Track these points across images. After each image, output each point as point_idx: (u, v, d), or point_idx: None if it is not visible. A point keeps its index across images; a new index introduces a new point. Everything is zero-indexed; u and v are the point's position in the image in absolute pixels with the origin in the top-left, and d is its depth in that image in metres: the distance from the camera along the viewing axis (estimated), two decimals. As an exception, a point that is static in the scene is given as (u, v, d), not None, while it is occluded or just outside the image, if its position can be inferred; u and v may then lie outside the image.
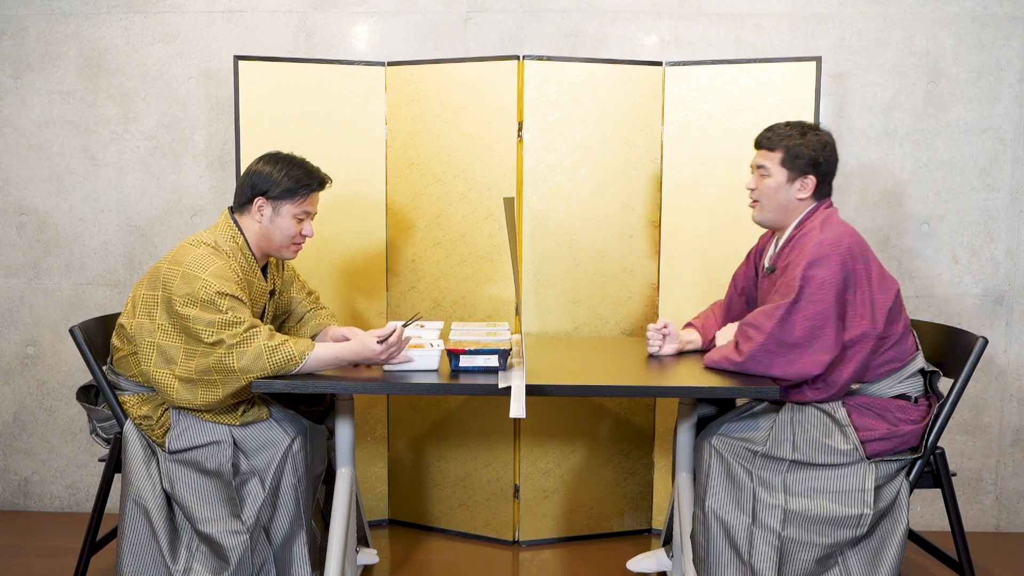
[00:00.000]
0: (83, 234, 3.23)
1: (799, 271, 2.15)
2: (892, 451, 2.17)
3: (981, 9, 3.08)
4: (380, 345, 2.15)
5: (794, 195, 2.30)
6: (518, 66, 2.84)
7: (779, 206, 2.32)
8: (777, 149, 2.30)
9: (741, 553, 2.12)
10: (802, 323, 2.12)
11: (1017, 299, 3.15)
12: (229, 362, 2.11)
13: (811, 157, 2.28)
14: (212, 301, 2.13)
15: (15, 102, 3.19)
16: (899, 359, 2.24)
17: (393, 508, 3.19)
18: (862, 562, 2.14)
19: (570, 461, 3.04)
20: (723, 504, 2.14)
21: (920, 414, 2.23)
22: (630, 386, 2.17)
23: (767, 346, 2.14)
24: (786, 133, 2.30)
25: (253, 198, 2.30)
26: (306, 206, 2.33)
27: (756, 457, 2.15)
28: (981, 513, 3.22)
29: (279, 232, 2.31)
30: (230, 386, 2.15)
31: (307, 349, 2.14)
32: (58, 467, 3.30)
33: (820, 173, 2.29)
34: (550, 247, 2.93)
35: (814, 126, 2.33)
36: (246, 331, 2.12)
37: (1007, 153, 3.11)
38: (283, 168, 2.30)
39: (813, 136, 2.29)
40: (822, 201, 2.33)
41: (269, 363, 2.11)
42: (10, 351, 3.27)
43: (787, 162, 2.29)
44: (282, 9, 3.15)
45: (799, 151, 2.27)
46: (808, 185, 2.29)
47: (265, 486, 2.25)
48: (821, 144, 2.29)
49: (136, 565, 2.24)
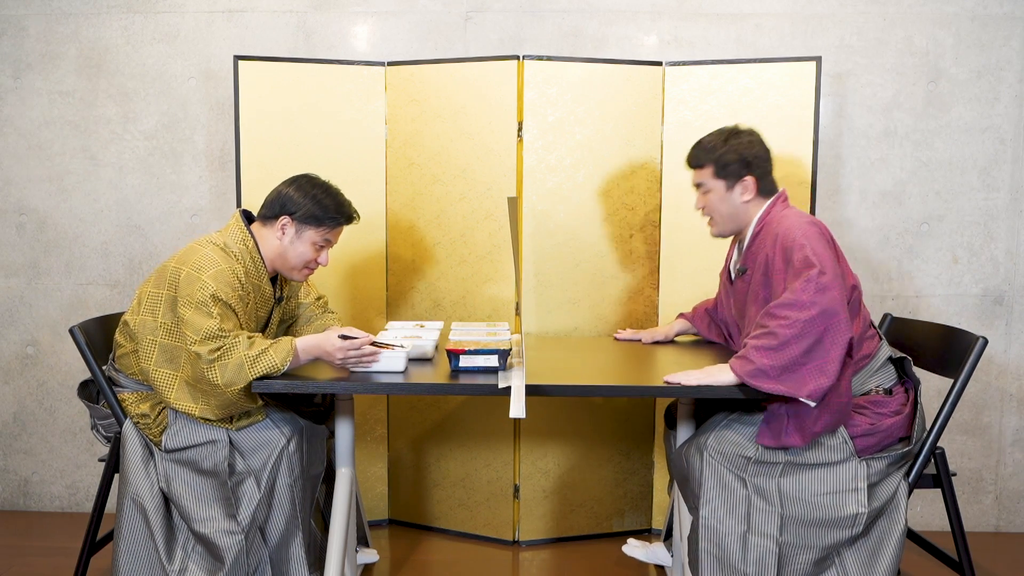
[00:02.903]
0: (83, 234, 3.23)
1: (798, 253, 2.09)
2: (879, 446, 2.17)
3: (981, 9, 3.08)
4: (339, 340, 2.15)
5: (739, 200, 2.33)
6: (518, 66, 2.84)
7: (730, 215, 2.35)
8: (706, 164, 2.35)
9: (734, 563, 2.11)
10: (839, 289, 2.03)
11: (1017, 299, 3.15)
12: (212, 377, 2.11)
13: (740, 159, 2.31)
14: (205, 303, 2.12)
15: (15, 102, 3.19)
16: (866, 355, 2.23)
17: (393, 508, 3.19)
18: (859, 561, 2.13)
19: (570, 461, 3.04)
20: (717, 513, 2.13)
21: (898, 404, 2.22)
22: (630, 386, 2.17)
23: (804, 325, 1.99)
24: (710, 146, 2.34)
25: (279, 215, 2.31)
26: (328, 236, 2.34)
27: (749, 463, 2.14)
28: (981, 513, 3.22)
29: (295, 255, 2.32)
30: (218, 399, 2.15)
31: (288, 355, 2.13)
32: (58, 467, 3.30)
33: (755, 171, 2.32)
34: (550, 247, 2.93)
35: (735, 130, 2.35)
36: (223, 346, 2.11)
37: (1007, 153, 3.11)
38: (317, 195, 2.31)
39: (735, 140, 2.32)
40: (774, 196, 2.34)
41: (251, 373, 2.10)
42: (10, 351, 3.27)
43: (719, 172, 2.33)
44: (282, 9, 3.15)
45: (726, 158, 2.31)
46: (748, 186, 2.32)
47: (261, 486, 2.25)
48: (745, 144, 2.31)
49: (132, 564, 2.24)
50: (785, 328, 1.98)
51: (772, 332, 2.00)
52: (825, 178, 3.12)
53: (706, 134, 2.38)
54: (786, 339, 1.98)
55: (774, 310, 2.03)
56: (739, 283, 2.38)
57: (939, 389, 3.06)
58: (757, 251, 2.28)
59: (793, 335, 1.98)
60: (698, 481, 2.16)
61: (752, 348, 2.03)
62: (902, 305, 3.16)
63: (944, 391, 2.96)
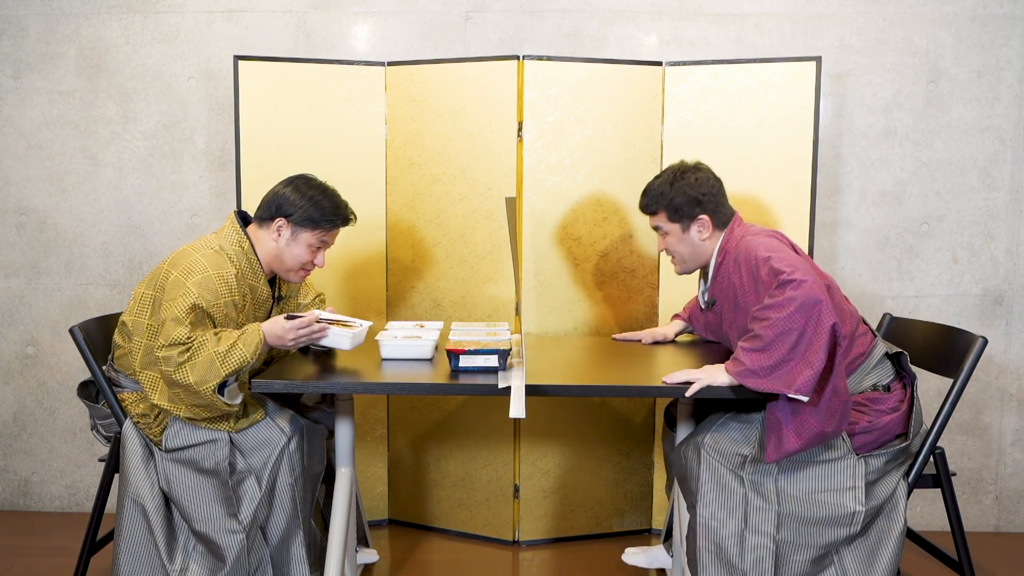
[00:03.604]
0: (83, 234, 3.23)
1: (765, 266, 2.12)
2: (876, 443, 2.17)
3: (981, 9, 3.08)
4: (287, 322, 2.16)
5: (696, 238, 2.37)
6: (518, 66, 2.84)
7: (691, 254, 2.40)
8: (658, 210, 2.39)
9: (732, 560, 2.11)
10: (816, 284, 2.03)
11: (1017, 299, 3.15)
12: (181, 378, 2.10)
13: (690, 200, 2.34)
14: (183, 313, 2.11)
15: (15, 102, 3.19)
16: (861, 354, 2.24)
17: (393, 508, 3.19)
18: (858, 560, 2.13)
19: (570, 461, 3.04)
20: (714, 512, 2.13)
21: (896, 400, 2.22)
22: (630, 386, 2.17)
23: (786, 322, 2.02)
24: (658, 192, 2.37)
25: (275, 216, 2.30)
26: (325, 238, 2.34)
27: (747, 462, 2.14)
28: (981, 513, 3.22)
29: (291, 256, 2.32)
30: (195, 399, 2.13)
31: (257, 347, 2.13)
32: (58, 467, 3.30)
33: (708, 209, 2.35)
34: (550, 247, 2.93)
35: (681, 169, 2.38)
36: (190, 347, 2.10)
37: (1007, 153, 3.11)
38: (313, 197, 2.30)
39: (680, 182, 2.35)
40: (729, 224, 2.37)
41: (223, 369, 2.10)
42: (10, 351, 3.27)
43: (672, 216, 2.37)
44: (282, 9, 3.15)
45: (676, 202, 2.34)
46: (704, 224, 2.36)
47: (261, 485, 2.25)
48: (692, 183, 2.34)
49: (133, 564, 2.24)
50: (768, 329, 2.01)
51: (758, 335, 2.04)
52: (825, 178, 3.12)
53: (653, 177, 2.43)
54: (770, 340, 2.01)
55: (758, 313, 2.07)
56: (710, 314, 2.47)
57: (939, 389, 3.06)
58: (723, 280, 2.33)
59: (776, 334, 2.00)
60: (696, 479, 2.16)
61: (742, 351, 2.06)
62: (902, 305, 3.16)
63: (944, 391, 2.96)
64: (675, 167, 2.40)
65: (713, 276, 2.38)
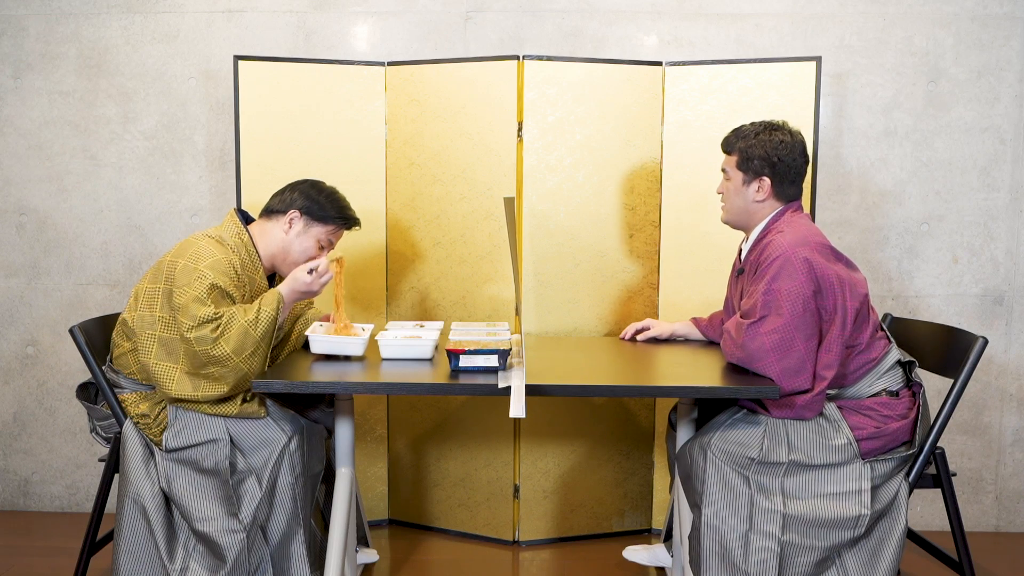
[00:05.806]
0: (83, 234, 3.23)
1: (763, 284, 2.14)
2: (883, 449, 2.17)
3: (981, 9, 3.08)
4: (310, 276, 2.25)
5: (751, 197, 2.30)
6: (518, 66, 2.84)
7: (740, 208, 2.33)
8: (733, 152, 2.33)
9: (736, 561, 2.11)
10: (769, 336, 2.10)
11: (1017, 299, 3.15)
12: (220, 352, 2.15)
13: (763, 158, 2.26)
14: (203, 293, 2.17)
15: (15, 102, 3.19)
16: (873, 359, 2.23)
17: (393, 508, 3.19)
18: (860, 562, 2.13)
19: (570, 461, 3.04)
20: (719, 513, 2.12)
21: (905, 407, 2.22)
22: (630, 386, 2.17)
23: (740, 359, 2.18)
24: (743, 134, 2.31)
25: (289, 209, 2.38)
26: (332, 236, 2.44)
27: (753, 463, 2.13)
28: (981, 513, 3.22)
29: (300, 249, 2.39)
30: (231, 375, 2.18)
31: (278, 304, 2.22)
32: (58, 467, 3.30)
33: (776, 174, 2.27)
34: (550, 247, 2.93)
35: (777, 125, 2.30)
36: (219, 323, 2.17)
37: (1007, 153, 3.11)
38: (328, 196, 2.43)
39: (766, 136, 2.27)
40: (790, 204, 2.31)
41: (256, 333, 2.17)
42: (10, 351, 3.27)
43: (742, 164, 2.30)
44: (282, 9, 3.15)
45: (751, 152, 2.28)
46: (764, 187, 2.28)
47: (262, 485, 2.25)
48: (775, 144, 2.26)
49: (133, 564, 2.24)
50: (724, 345, 2.26)
51: (723, 341, 2.27)
52: (825, 178, 3.12)
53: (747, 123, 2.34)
54: (728, 353, 2.24)
55: (728, 325, 2.24)
56: (740, 279, 2.40)
57: (939, 389, 3.06)
58: (755, 256, 2.28)
59: (728, 356, 2.24)
60: (701, 480, 2.15)
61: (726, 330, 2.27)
62: (902, 305, 3.16)
63: (944, 391, 2.96)
64: (771, 122, 2.31)
65: (751, 247, 2.31)
